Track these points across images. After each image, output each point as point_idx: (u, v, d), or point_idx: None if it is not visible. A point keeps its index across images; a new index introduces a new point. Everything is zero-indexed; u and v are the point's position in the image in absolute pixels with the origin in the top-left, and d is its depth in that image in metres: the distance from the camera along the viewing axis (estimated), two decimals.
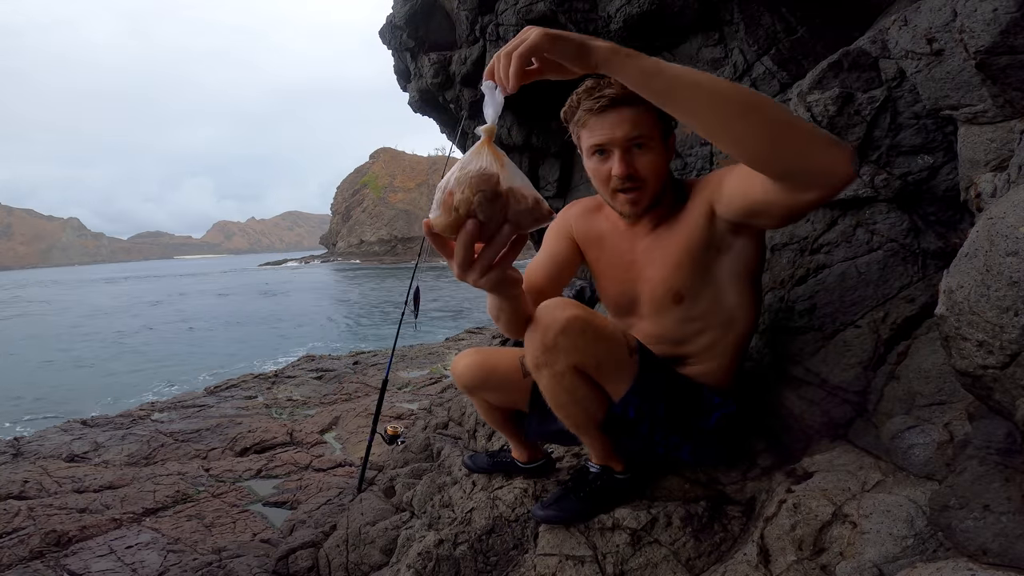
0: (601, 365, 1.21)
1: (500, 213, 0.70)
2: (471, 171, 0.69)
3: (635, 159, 1.20)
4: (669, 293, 1.29)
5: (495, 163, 0.70)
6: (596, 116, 1.18)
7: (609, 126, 1.18)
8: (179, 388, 9.45)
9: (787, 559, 1.03)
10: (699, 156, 2.17)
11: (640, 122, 1.17)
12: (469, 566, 1.38)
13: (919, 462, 1.02)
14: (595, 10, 2.26)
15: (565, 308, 1.17)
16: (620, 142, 1.18)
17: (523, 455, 1.63)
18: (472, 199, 0.68)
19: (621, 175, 1.20)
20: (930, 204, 1.39)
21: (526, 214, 0.72)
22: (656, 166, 1.22)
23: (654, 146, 1.20)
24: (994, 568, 0.76)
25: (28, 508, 3.21)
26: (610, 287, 1.40)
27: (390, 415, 4.96)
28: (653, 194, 1.25)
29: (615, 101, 1.16)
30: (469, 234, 0.69)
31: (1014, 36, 0.87)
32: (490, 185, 0.68)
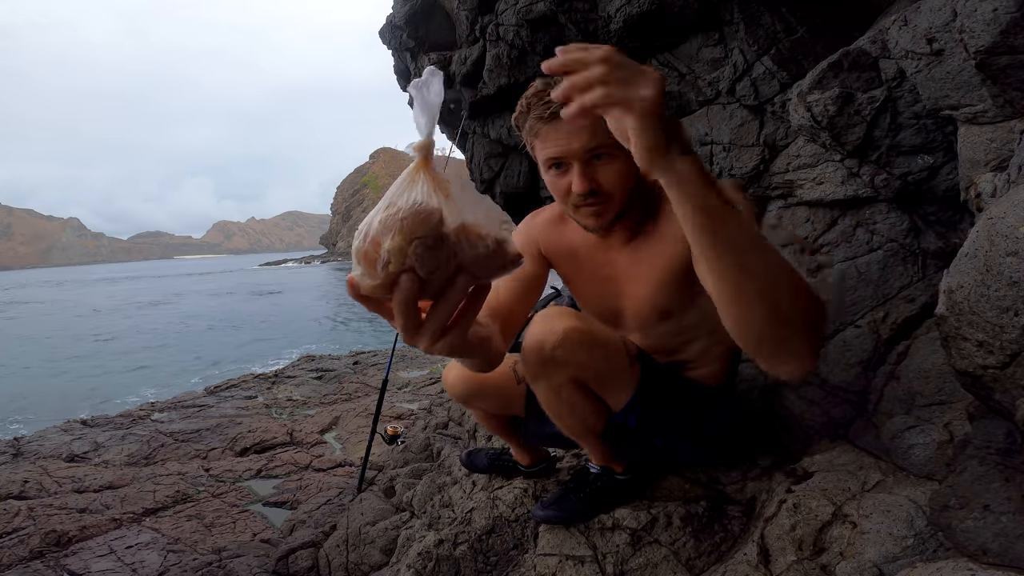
0: (601, 376, 1.18)
1: (448, 262, 0.52)
2: (402, 208, 0.51)
3: (596, 172, 1.05)
4: (655, 311, 1.21)
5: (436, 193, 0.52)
6: (549, 124, 1.02)
7: (565, 136, 1.03)
8: (161, 394, 9.24)
9: (787, 559, 1.03)
10: (699, 156, 2.17)
11: (599, 129, 0.99)
12: (469, 566, 1.38)
13: (919, 462, 1.02)
14: (595, 10, 2.26)
15: (562, 319, 1.12)
16: (578, 154, 1.03)
17: (525, 459, 1.62)
18: (407, 249, 0.50)
19: (582, 191, 1.05)
20: (930, 204, 1.39)
21: (486, 261, 0.54)
22: (621, 177, 1.07)
23: (618, 155, 1.05)
24: (994, 568, 0.76)
25: (28, 508, 3.21)
26: (590, 302, 1.32)
27: (390, 415, 4.96)
28: (620, 207, 1.11)
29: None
30: (406, 294, 0.52)
31: (1014, 36, 0.87)
32: (430, 227, 0.50)
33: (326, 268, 66.27)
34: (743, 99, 1.98)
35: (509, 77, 2.85)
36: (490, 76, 2.93)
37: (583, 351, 1.12)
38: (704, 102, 2.16)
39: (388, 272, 0.50)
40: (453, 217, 0.52)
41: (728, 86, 2.03)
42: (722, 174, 2.07)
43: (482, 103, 3.20)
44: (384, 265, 0.50)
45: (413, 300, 0.53)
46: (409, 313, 0.54)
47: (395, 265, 0.50)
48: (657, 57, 2.29)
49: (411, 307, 0.53)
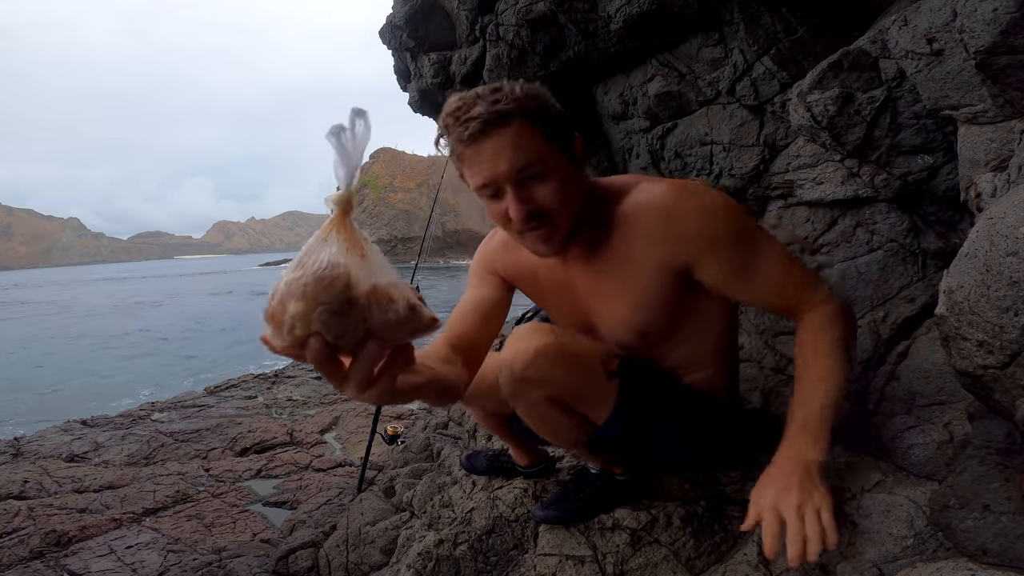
0: (577, 394, 1.15)
1: (357, 327, 0.50)
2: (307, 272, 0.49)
3: (533, 192, 0.95)
4: (632, 332, 1.14)
5: (350, 253, 0.50)
6: (472, 148, 0.93)
7: (489, 159, 0.92)
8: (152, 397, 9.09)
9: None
10: (699, 156, 2.17)
11: (527, 145, 0.92)
12: (469, 566, 1.38)
13: (919, 462, 1.02)
14: (595, 10, 2.26)
15: (533, 337, 1.08)
16: (508, 176, 0.93)
17: (523, 459, 1.60)
18: (311, 315, 0.48)
19: (520, 216, 0.95)
20: (930, 204, 1.39)
21: (397, 326, 0.52)
22: (562, 194, 0.96)
23: (554, 169, 0.95)
24: (994, 568, 0.76)
25: (28, 508, 3.20)
26: (562, 319, 1.26)
27: (390, 415, 4.96)
28: (568, 225, 1.01)
29: (488, 124, 0.90)
30: (316, 356, 0.51)
31: (1014, 36, 0.87)
32: (334, 293, 0.48)
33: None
34: (743, 99, 1.98)
35: (509, 77, 2.85)
36: (490, 76, 2.93)
37: (555, 370, 1.09)
38: (704, 102, 2.15)
39: (295, 336, 0.49)
40: (364, 279, 0.50)
41: (728, 86, 2.03)
42: (722, 174, 2.07)
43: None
44: (290, 329, 0.49)
45: (326, 360, 0.52)
46: (327, 371, 0.54)
47: (300, 330, 0.49)
48: (657, 57, 2.29)
49: (326, 366, 0.53)
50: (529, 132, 0.92)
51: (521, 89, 0.93)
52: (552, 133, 0.95)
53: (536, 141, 0.93)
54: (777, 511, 0.95)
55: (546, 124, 0.95)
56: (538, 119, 0.94)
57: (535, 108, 0.93)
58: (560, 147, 0.97)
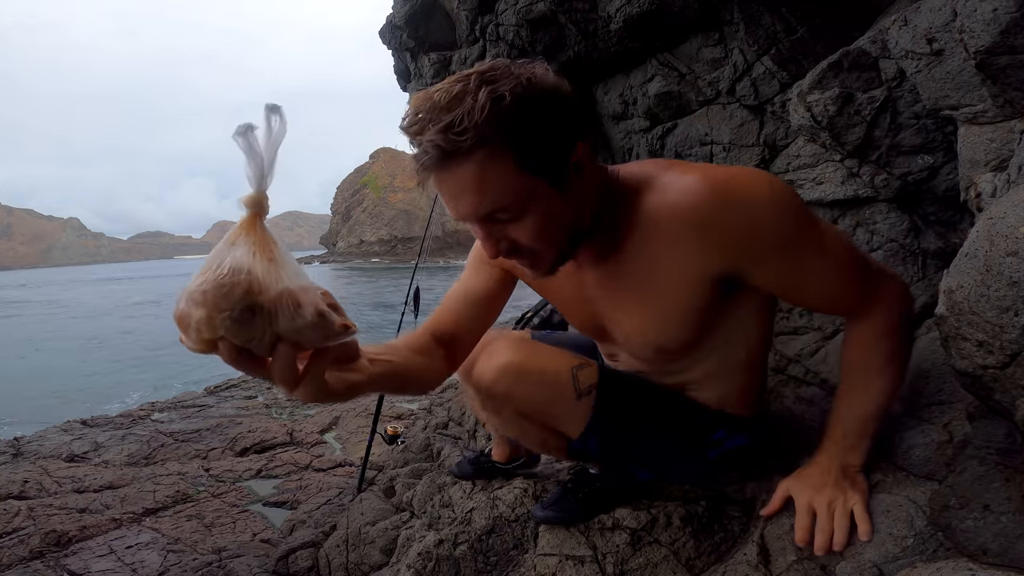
0: (544, 412, 1.12)
1: (264, 331, 0.50)
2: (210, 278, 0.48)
3: (507, 231, 0.82)
4: (649, 347, 1.04)
5: (258, 257, 0.49)
6: (432, 174, 0.77)
7: (449, 196, 0.79)
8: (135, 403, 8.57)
9: (787, 559, 1.03)
10: (699, 156, 2.17)
11: (489, 185, 0.75)
12: (469, 566, 1.38)
13: (919, 462, 1.02)
14: (595, 10, 2.26)
15: (499, 353, 1.04)
16: (472, 219, 0.81)
17: (501, 453, 1.58)
18: (215, 321, 0.48)
19: (492, 256, 0.85)
20: (930, 204, 1.39)
21: (307, 330, 0.51)
22: (542, 232, 0.82)
23: (529, 206, 0.80)
24: (994, 568, 0.76)
25: (28, 508, 3.20)
26: (573, 320, 1.18)
27: (390, 415, 4.96)
28: (557, 253, 0.88)
29: (442, 158, 0.73)
30: (229, 358, 0.51)
31: (1014, 36, 0.87)
32: (234, 300, 0.47)
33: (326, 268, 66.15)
34: (743, 99, 1.98)
35: None
36: None
37: (520, 387, 1.06)
38: (704, 102, 2.15)
39: (203, 340, 0.49)
40: (273, 284, 0.49)
41: (728, 86, 2.03)
42: None
43: None
44: (197, 334, 0.49)
45: (242, 362, 0.52)
46: (249, 371, 0.53)
47: (207, 334, 0.49)
48: (657, 57, 2.29)
49: (245, 366, 0.53)
50: (495, 164, 0.75)
51: (484, 105, 0.71)
52: (527, 159, 0.77)
53: (504, 175, 0.76)
54: (810, 507, 0.99)
55: (519, 148, 0.75)
56: (507, 143, 0.74)
57: (502, 130, 0.73)
58: (540, 172, 0.79)
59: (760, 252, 0.87)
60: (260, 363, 0.54)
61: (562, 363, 1.10)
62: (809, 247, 0.89)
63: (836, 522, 0.97)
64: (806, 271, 0.91)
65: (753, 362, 1.12)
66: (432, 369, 0.96)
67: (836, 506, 0.98)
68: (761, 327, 1.08)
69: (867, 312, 0.99)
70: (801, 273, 0.91)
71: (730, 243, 0.86)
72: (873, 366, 1.01)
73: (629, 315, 1.02)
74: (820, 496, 1.00)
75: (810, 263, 0.90)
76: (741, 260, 0.89)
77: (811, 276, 0.92)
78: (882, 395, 1.02)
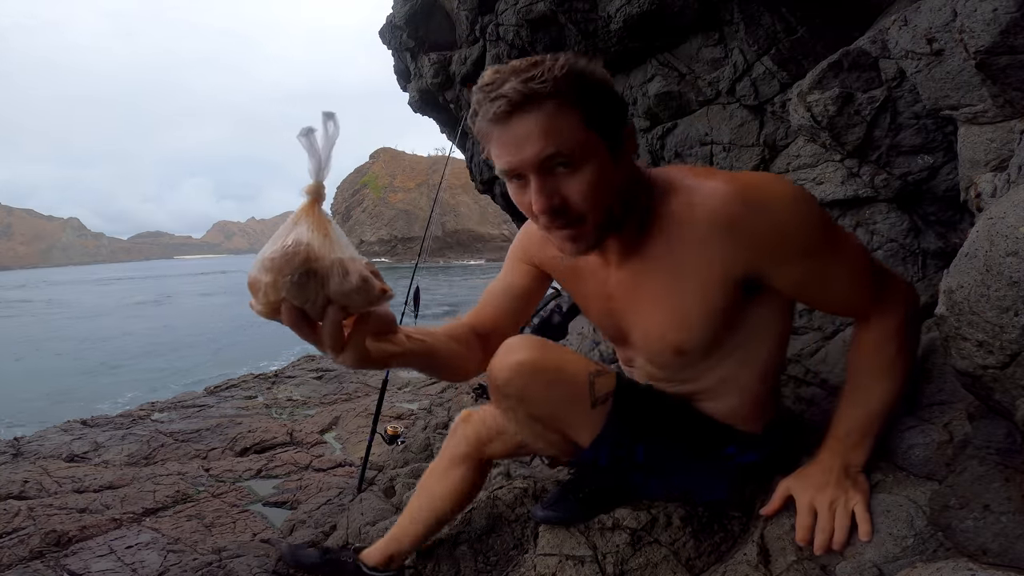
0: (556, 416, 1.07)
1: (318, 294, 0.61)
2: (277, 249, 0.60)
3: (560, 184, 0.84)
4: (668, 348, 1.03)
5: (315, 233, 0.60)
6: (498, 127, 0.82)
7: (514, 142, 0.82)
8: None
9: (787, 559, 1.03)
10: (699, 156, 2.18)
11: (559, 130, 0.81)
12: (469, 566, 1.38)
13: (919, 462, 1.02)
14: (595, 10, 2.26)
15: (514, 352, 1.01)
16: (532, 164, 0.82)
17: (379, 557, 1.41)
18: (278, 283, 0.60)
19: (543, 209, 0.85)
20: (930, 204, 1.39)
21: (353, 294, 0.62)
22: (594, 189, 0.85)
23: (587, 161, 0.84)
24: (994, 568, 0.76)
25: (28, 508, 3.20)
26: (595, 319, 1.18)
27: (390, 415, 4.96)
28: (598, 226, 0.89)
29: (517, 103, 0.80)
30: (289, 319, 0.62)
31: (1014, 36, 0.87)
32: (295, 266, 0.59)
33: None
34: (743, 99, 1.98)
35: None
36: None
37: (535, 387, 1.02)
38: (704, 102, 2.16)
39: (268, 301, 0.61)
40: (327, 254, 0.61)
41: (728, 86, 2.03)
42: None
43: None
44: (264, 295, 0.61)
45: (298, 323, 0.64)
46: (303, 334, 0.65)
47: (272, 296, 0.61)
48: (657, 57, 2.29)
49: (300, 328, 0.65)
50: (565, 115, 0.81)
51: (563, 65, 0.81)
52: (593, 118, 0.84)
53: (571, 126, 0.82)
54: (811, 506, 1.00)
55: (587, 107, 0.83)
56: (578, 100, 0.82)
57: (576, 88, 0.82)
58: (602, 134, 0.85)
59: (783, 254, 0.90)
60: (313, 327, 0.65)
61: (579, 367, 1.06)
62: (829, 251, 0.92)
63: (837, 522, 0.97)
64: (825, 274, 0.94)
65: (765, 373, 1.10)
66: (467, 358, 1.03)
67: (837, 506, 0.98)
68: (776, 337, 1.08)
69: (876, 314, 1.01)
70: (820, 276, 0.94)
71: (756, 245, 0.89)
72: (879, 367, 1.03)
73: (650, 315, 1.02)
74: (821, 495, 1.00)
75: (829, 267, 0.93)
76: (765, 262, 0.91)
77: (829, 280, 0.95)
78: (887, 395, 1.02)
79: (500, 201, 3.69)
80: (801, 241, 0.90)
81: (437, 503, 1.38)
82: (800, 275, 0.93)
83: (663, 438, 1.14)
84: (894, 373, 1.02)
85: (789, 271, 0.92)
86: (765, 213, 0.87)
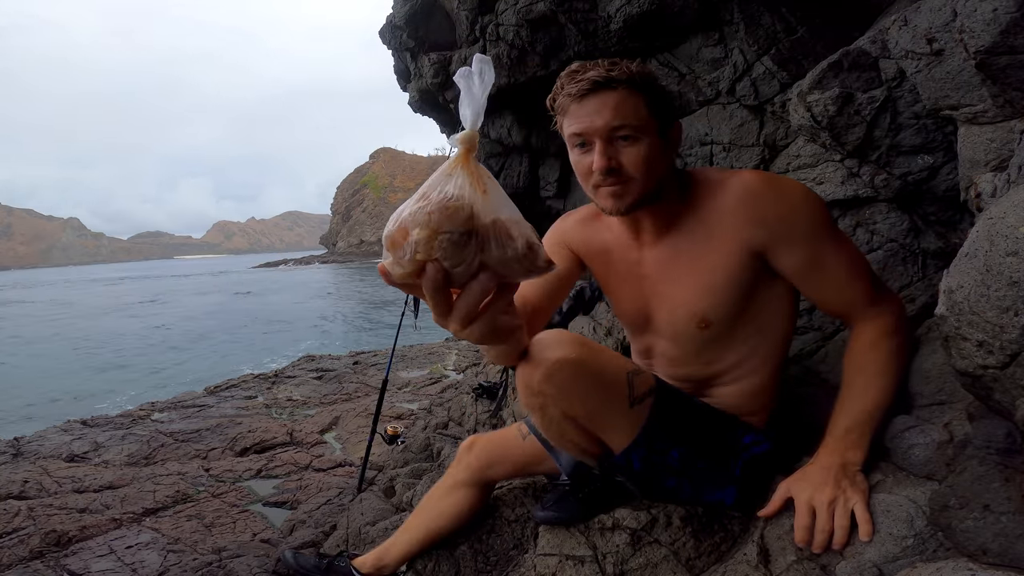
0: (594, 418, 1.06)
1: (474, 258, 0.53)
2: (432, 201, 0.52)
3: (619, 151, 1.04)
4: (693, 319, 1.12)
5: (473, 188, 0.52)
6: (577, 103, 1.03)
7: (588, 113, 1.03)
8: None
9: (787, 559, 1.03)
10: (699, 156, 2.18)
11: (625, 109, 1.02)
12: (469, 566, 1.38)
13: (919, 462, 1.02)
14: (595, 10, 2.26)
15: (554, 348, 1.00)
16: (600, 131, 1.02)
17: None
18: (433, 242, 0.51)
19: (601, 168, 1.03)
20: (930, 204, 1.39)
21: (514, 262, 0.54)
22: (645, 160, 1.04)
23: (644, 138, 1.04)
24: (994, 568, 0.76)
25: (28, 508, 3.20)
26: (622, 304, 1.25)
27: (390, 415, 4.96)
28: (642, 191, 1.06)
29: (597, 85, 1.01)
30: (433, 283, 0.54)
31: (1014, 36, 0.87)
32: (458, 222, 0.51)
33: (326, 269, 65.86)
34: (743, 99, 1.98)
35: (509, 77, 2.85)
36: None
37: (575, 385, 1.01)
38: (704, 102, 2.16)
39: (415, 261, 0.52)
40: (487, 213, 0.52)
41: (728, 86, 2.03)
42: None
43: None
44: (412, 255, 0.52)
45: (440, 288, 0.55)
46: (438, 299, 0.56)
47: (422, 255, 0.52)
48: (657, 57, 2.29)
49: (439, 294, 0.56)
50: (632, 99, 1.02)
51: (638, 66, 1.03)
52: (654, 107, 1.04)
53: (636, 109, 1.02)
54: (810, 505, 1.00)
55: (650, 97, 1.04)
56: (644, 90, 1.03)
57: (645, 81, 1.03)
58: (658, 121, 1.05)
59: (791, 234, 1.05)
60: (449, 296, 0.57)
61: (619, 365, 1.08)
62: (831, 243, 1.06)
63: (836, 521, 0.97)
64: (826, 264, 1.06)
65: (774, 361, 1.19)
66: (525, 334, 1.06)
67: (837, 505, 0.99)
68: (783, 325, 1.17)
69: (872, 315, 1.08)
70: (821, 265, 1.06)
71: (770, 223, 1.05)
72: (874, 366, 1.06)
73: (680, 286, 1.13)
74: (820, 495, 1.01)
75: (830, 257, 1.06)
76: (774, 238, 1.05)
77: (829, 269, 1.06)
78: (883, 394, 1.05)
79: None
80: (807, 225, 1.04)
81: (434, 521, 1.46)
82: (803, 259, 1.06)
83: (696, 439, 1.15)
84: (889, 372, 1.06)
85: (793, 252, 1.06)
86: (781, 193, 1.06)
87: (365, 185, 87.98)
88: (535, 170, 3.45)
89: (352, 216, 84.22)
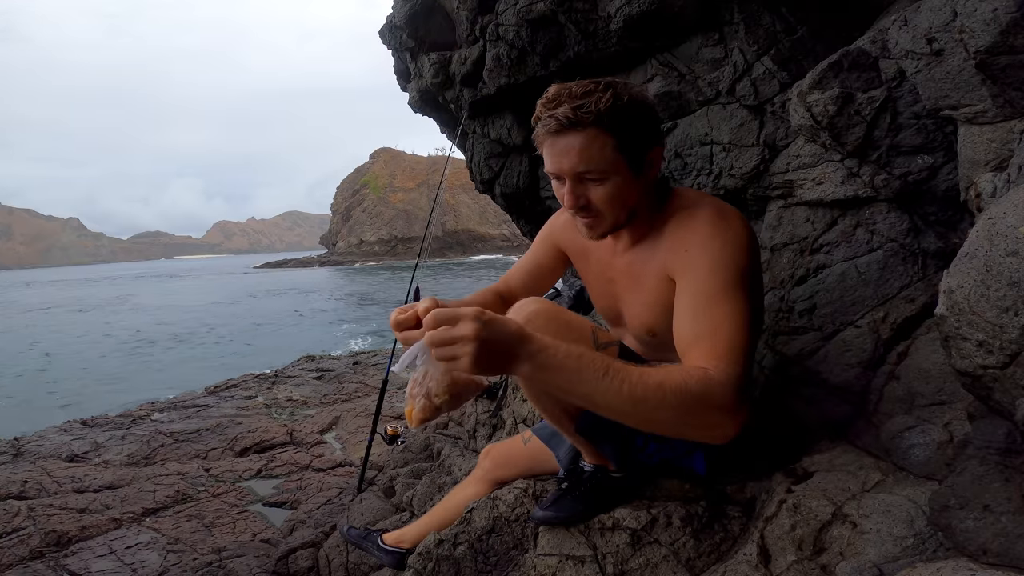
0: None
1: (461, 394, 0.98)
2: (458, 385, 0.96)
3: (588, 189, 1.07)
4: (643, 328, 1.23)
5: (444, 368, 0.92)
6: (550, 138, 1.04)
7: (557, 153, 1.04)
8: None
9: (787, 559, 1.03)
10: (699, 156, 2.18)
11: (591, 153, 1.02)
12: (469, 566, 1.38)
13: (919, 462, 1.02)
14: (595, 10, 2.26)
15: (529, 303, 1.15)
16: (568, 174, 1.05)
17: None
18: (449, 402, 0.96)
19: (570, 206, 1.09)
20: (930, 204, 1.39)
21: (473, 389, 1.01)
22: (612, 199, 1.07)
23: (612, 177, 1.05)
24: (994, 568, 0.76)
25: (28, 508, 3.21)
26: (597, 299, 1.37)
27: (390, 415, 4.96)
28: (613, 223, 1.12)
29: (563, 126, 1.01)
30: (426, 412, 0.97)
31: (1014, 36, 0.87)
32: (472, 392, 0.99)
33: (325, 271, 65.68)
34: (743, 99, 1.98)
35: (509, 77, 2.85)
36: (490, 76, 2.93)
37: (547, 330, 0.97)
38: (704, 102, 2.16)
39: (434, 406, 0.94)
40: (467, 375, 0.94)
41: (728, 86, 2.03)
42: (722, 174, 2.07)
43: (482, 103, 3.20)
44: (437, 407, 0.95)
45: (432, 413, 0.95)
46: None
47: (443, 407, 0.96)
48: (657, 57, 2.29)
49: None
50: (600, 140, 1.01)
51: (609, 98, 0.99)
52: (625, 144, 1.03)
53: (603, 150, 1.02)
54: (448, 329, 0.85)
55: (621, 135, 1.02)
56: (614, 129, 1.01)
57: (614, 119, 1.00)
58: (628, 158, 1.05)
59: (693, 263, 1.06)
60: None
61: (583, 321, 1.20)
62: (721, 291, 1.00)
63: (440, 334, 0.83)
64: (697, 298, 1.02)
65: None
66: None
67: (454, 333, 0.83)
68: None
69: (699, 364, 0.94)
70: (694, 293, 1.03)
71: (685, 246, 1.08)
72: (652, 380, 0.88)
73: (634, 296, 1.23)
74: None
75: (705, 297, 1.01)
76: (682, 264, 1.07)
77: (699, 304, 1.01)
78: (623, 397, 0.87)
79: (500, 201, 3.69)
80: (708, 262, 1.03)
81: (448, 512, 1.67)
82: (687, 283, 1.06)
83: None
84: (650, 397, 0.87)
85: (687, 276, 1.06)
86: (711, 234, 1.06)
87: (365, 185, 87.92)
88: (535, 170, 3.45)
89: (352, 216, 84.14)
